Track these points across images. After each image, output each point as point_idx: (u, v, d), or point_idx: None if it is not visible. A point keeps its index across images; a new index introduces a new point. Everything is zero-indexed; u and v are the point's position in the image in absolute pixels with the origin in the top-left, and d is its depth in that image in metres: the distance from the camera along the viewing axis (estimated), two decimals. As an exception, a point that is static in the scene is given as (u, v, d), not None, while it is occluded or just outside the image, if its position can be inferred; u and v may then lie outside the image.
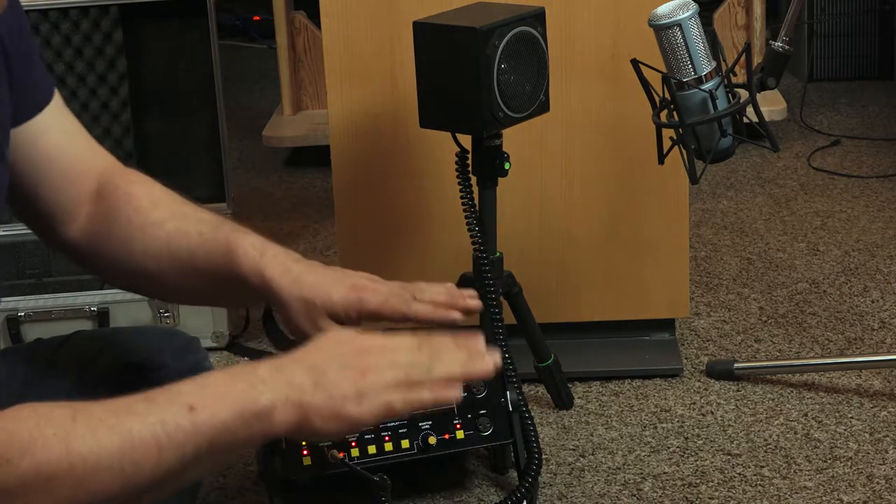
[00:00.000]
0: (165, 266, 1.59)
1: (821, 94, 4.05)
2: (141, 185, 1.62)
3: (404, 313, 1.59)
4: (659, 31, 1.97)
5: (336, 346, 1.34)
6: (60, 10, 2.75)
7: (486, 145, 2.07)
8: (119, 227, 1.59)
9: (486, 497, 2.08)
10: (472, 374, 1.37)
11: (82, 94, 2.80)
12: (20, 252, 2.83)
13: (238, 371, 1.30)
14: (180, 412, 1.24)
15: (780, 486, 2.04)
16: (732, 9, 3.65)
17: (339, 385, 1.30)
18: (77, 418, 1.21)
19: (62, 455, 1.18)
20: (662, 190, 2.38)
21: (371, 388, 1.31)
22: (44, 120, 1.56)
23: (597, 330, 2.49)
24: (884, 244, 2.95)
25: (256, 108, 4.21)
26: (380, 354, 1.34)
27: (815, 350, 2.49)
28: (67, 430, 1.19)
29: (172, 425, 1.23)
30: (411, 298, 1.61)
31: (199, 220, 1.60)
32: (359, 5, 2.31)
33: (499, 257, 2.14)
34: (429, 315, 1.61)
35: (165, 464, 1.22)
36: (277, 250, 1.59)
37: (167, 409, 1.23)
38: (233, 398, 1.26)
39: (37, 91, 1.55)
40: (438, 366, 1.35)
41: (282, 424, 1.28)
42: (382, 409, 1.32)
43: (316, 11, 2.36)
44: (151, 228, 1.59)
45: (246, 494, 2.12)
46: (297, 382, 1.29)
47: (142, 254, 1.59)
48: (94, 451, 1.19)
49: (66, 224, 1.60)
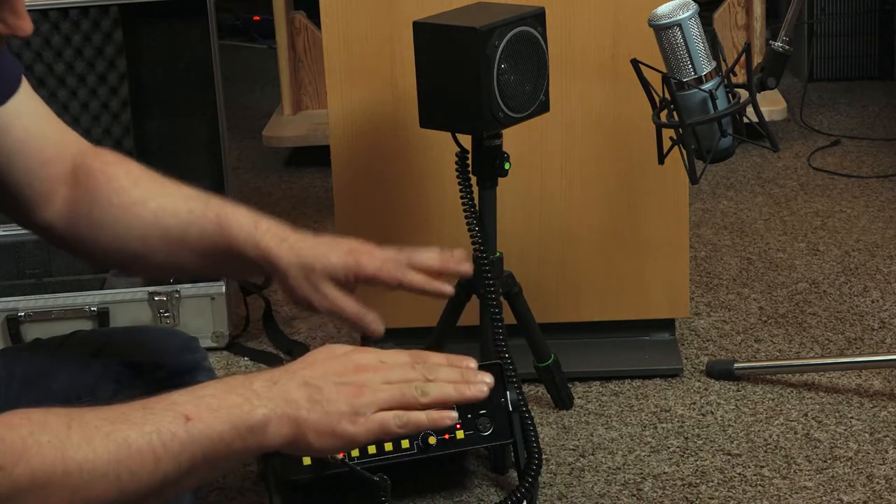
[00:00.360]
0: (154, 244, 1.59)
1: (821, 94, 4.05)
2: (118, 164, 1.62)
3: (399, 280, 1.62)
4: (659, 31, 1.97)
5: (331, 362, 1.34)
6: (60, 10, 2.75)
7: (486, 145, 2.07)
8: (100, 209, 1.59)
9: (486, 497, 2.08)
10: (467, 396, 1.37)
11: (82, 94, 2.80)
12: (20, 252, 2.83)
13: (233, 383, 1.30)
14: (176, 422, 1.24)
15: (780, 486, 2.04)
16: (732, 9, 3.65)
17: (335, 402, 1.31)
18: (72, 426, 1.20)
19: (57, 462, 1.18)
20: (662, 190, 2.38)
21: (366, 405, 1.32)
22: (13, 107, 1.55)
23: (597, 330, 2.49)
24: (884, 244, 2.95)
25: (256, 108, 4.21)
26: (374, 372, 1.34)
27: (815, 350, 2.49)
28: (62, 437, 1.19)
29: (168, 435, 1.23)
30: (406, 264, 1.63)
31: (185, 196, 1.61)
32: (359, 5, 2.31)
33: (499, 257, 2.14)
34: (422, 285, 1.64)
35: (161, 473, 1.22)
36: (270, 222, 1.61)
37: (163, 419, 1.23)
38: (227, 411, 1.26)
39: (3, 79, 1.54)
40: (433, 386, 1.36)
41: (276, 438, 1.29)
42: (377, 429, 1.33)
43: (316, 11, 2.36)
44: (135, 208, 1.59)
45: (246, 494, 2.12)
46: (292, 398, 1.30)
47: (126, 234, 1.59)
48: (90, 458, 1.19)
49: (43, 207, 1.60)
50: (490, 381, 1.40)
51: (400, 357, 1.38)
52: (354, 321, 1.63)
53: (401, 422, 1.33)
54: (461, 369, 1.39)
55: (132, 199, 1.59)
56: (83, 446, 1.19)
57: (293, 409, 1.29)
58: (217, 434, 1.25)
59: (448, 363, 1.40)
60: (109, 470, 1.20)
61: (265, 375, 1.32)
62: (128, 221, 1.59)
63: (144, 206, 1.59)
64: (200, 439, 1.24)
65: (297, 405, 1.30)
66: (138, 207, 1.59)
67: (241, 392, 1.29)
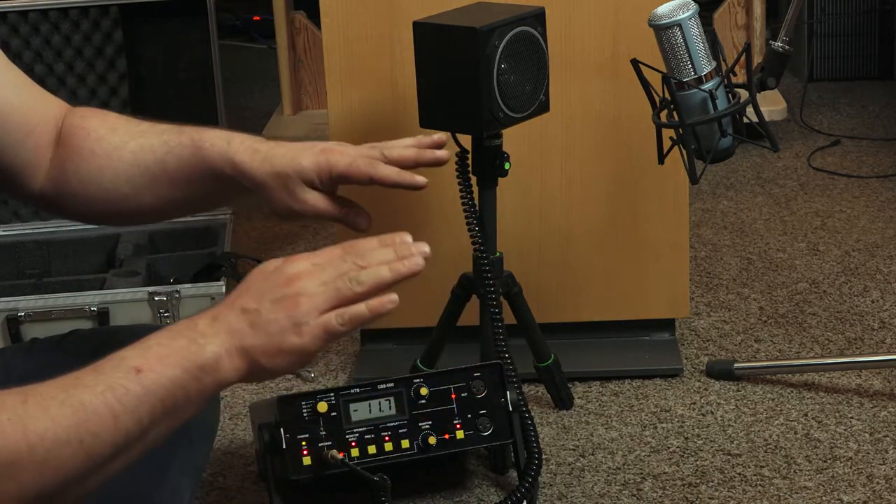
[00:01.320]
0: (139, 184, 1.59)
1: (821, 94, 4.05)
2: (95, 117, 1.62)
3: (370, 175, 1.61)
4: (659, 31, 1.97)
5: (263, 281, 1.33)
6: (60, 10, 2.75)
7: (486, 145, 2.07)
8: (84, 162, 1.59)
9: (486, 497, 2.08)
10: (402, 273, 1.35)
11: (82, 94, 2.81)
12: (20, 252, 2.83)
13: (178, 328, 1.30)
14: (127, 376, 1.23)
15: (780, 486, 2.04)
16: (732, 9, 3.65)
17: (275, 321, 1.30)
18: (28, 400, 1.20)
19: (20, 438, 1.18)
20: (662, 190, 2.38)
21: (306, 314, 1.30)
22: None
23: (597, 330, 2.49)
24: (884, 244, 2.95)
25: (256, 108, 4.21)
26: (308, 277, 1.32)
27: (815, 350, 2.49)
28: (20, 412, 1.19)
29: (122, 390, 1.22)
30: (380, 158, 1.63)
31: (159, 131, 1.61)
32: (359, 5, 2.31)
33: (499, 257, 2.14)
34: (393, 178, 1.63)
35: (123, 429, 1.22)
36: (243, 137, 1.60)
37: (114, 376, 1.23)
38: (176, 355, 1.26)
39: None
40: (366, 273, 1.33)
41: (230, 372, 1.28)
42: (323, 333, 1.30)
43: (316, 11, 2.36)
44: (116, 153, 1.59)
45: (246, 494, 2.12)
46: (234, 328, 1.29)
47: (113, 180, 1.59)
48: (50, 427, 1.19)
49: (33, 176, 1.60)
50: (426, 250, 1.37)
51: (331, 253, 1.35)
52: (339, 220, 1.63)
53: (342, 320, 1.30)
54: (395, 246, 1.36)
55: (113, 145, 1.59)
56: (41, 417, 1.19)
57: (238, 340, 1.29)
58: (169, 380, 1.25)
59: (380, 243, 1.37)
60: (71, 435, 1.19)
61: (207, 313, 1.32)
62: (112, 169, 1.59)
63: (125, 149, 1.59)
64: (154, 388, 1.24)
65: (240, 334, 1.29)
66: (119, 152, 1.59)
67: (187, 334, 1.28)
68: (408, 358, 2.31)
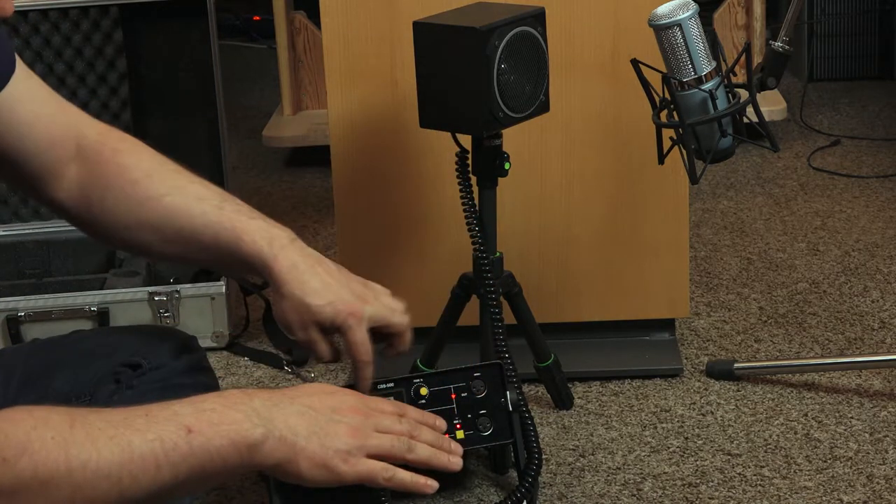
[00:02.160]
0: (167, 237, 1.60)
1: (821, 94, 4.05)
2: (129, 154, 1.62)
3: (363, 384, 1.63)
4: (659, 31, 1.96)
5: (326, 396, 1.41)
6: (60, 10, 2.75)
7: (486, 145, 2.07)
8: (114, 199, 1.60)
9: (486, 497, 2.08)
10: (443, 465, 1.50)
11: (82, 94, 2.80)
12: (20, 252, 2.83)
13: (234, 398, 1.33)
14: (178, 433, 1.26)
15: (780, 486, 2.04)
16: (732, 9, 3.65)
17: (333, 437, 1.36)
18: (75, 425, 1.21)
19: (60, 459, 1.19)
20: (662, 190, 2.38)
21: (359, 449, 1.38)
22: (13, 90, 1.56)
23: (597, 330, 2.49)
24: (884, 244, 2.95)
25: (256, 108, 4.21)
26: (366, 416, 1.41)
27: (815, 350, 2.49)
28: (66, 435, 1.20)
29: (170, 444, 1.25)
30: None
31: (198, 197, 1.61)
32: (359, 5, 2.31)
33: (499, 257, 2.13)
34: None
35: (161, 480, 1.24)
36: (283, 239, 1.60)
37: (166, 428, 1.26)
38: (228, 427, 1.29)
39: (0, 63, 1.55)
40: (420, 447, 1.46)
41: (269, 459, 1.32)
42: (366, 474, 1.39)
43: (316, 11, 2.36)
44: (149, 203, 1.59)
45: (246, 494, 2.12)
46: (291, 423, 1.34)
47: (139, 226, 1.60)
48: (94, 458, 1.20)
49: (52, 185, 1.61)
50: (460, 452, 1.56)
51: (385, 405, 1.47)
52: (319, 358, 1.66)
53: (388, 475, 1.41)
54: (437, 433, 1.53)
55: (147, 194, 1.60)
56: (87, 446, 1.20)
57: (292, 435, 1.33)
58: (216, 448, 1.27)
59: (422, 419, 1.52)
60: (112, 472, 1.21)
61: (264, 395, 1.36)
62: (141, 215, 1.60)
63: (159, 202, 1.60)
64: (200, 452, 1.26)
65: (295, 431, 1.34)
66: (153, 202, 1.60)
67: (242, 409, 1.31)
68: (408, 358, 2.31)
